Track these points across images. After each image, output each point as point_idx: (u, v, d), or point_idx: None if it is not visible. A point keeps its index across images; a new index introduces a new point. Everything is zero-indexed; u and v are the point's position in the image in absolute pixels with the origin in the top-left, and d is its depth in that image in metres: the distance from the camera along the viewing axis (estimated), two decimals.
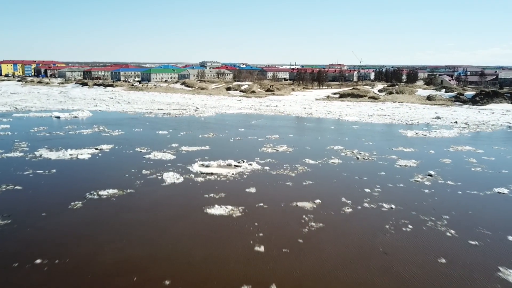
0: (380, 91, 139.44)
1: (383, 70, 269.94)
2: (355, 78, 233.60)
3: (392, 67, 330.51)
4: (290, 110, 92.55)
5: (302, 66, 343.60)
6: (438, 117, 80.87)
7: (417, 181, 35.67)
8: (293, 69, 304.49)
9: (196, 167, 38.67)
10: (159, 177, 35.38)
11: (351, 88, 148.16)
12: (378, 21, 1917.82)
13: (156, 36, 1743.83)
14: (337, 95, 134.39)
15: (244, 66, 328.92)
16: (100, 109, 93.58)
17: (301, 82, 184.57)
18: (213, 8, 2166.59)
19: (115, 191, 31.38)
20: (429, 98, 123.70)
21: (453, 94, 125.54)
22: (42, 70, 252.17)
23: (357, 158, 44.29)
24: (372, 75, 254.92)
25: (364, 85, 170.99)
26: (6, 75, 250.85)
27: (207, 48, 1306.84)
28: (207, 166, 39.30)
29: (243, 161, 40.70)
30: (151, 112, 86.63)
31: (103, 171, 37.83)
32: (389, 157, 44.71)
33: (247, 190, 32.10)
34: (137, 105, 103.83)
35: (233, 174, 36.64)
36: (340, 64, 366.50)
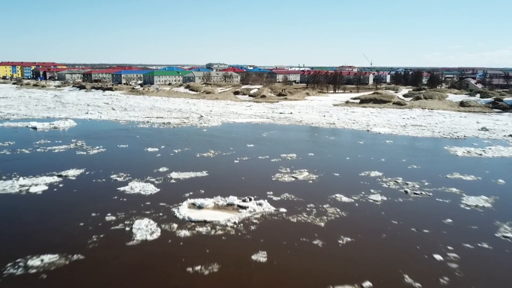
0: (405, 96, 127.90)
1: (401, 72, 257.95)
2: (370, 81, 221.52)
3: (406, 69, 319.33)
4: (308, 119, 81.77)
5: (312, 68, 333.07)
6: (484, 129, 69.42)
7: (506, 237, 24.75)
8: (303, 71, 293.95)
9: (183, 210, 28.24)
10: (127, 228, 25.02)
11: (372, 92, 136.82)
12: (384, 24, 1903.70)
13: (163, 38, 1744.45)
14: (358, 100, 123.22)
15: (251, 68, 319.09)
16: (90, 117, 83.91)
17: (315, 85, 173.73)
18: (220, 10, 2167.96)
19: (55, 257, 21.10)
20: (462, 104, 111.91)
21: (490, 99, 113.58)
22: (41, 73, 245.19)
23: (406, 192, 33.45)
24: (388, 78, 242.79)
25: (385, 88, 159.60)
26: (4, 78, 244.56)
27: (213, 50, 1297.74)
28: (199, 207, 28.88)
29: (250, 199, 30.24)
30: (147, 122, 76.59)
31: (52, 216, 27.58)
32: (448, 191, 33.75)
33: (253, 257, 21.52)
34: (134, 112, 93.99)
35: (234, 223, 26.11)
36: (350, 66, 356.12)
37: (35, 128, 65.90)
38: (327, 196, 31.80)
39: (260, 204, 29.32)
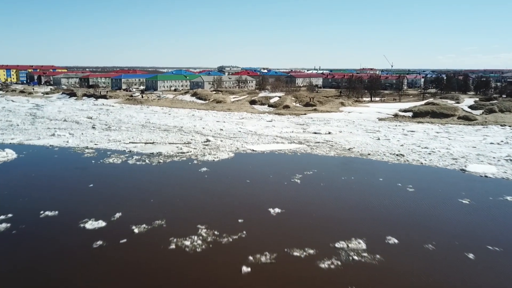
0: (471, 107, 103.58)
1: (442, 76, 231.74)
2: (404, 86, 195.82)
3: (433, 71, 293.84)
4: (357, 144, 58.99)
5: (331, 71, 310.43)
6: None
7: None
8: (322, 73, 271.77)
9: None
10: None
11: (425, 102, 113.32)
12: (398, 25, 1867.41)
13: (174, 40, 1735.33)
14: (409, 114, 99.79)
15: (265, 71, 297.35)
16: (52, 142, 62.93)
17: (349, 92, 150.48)
18: (232, 12, 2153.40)
19: None
20: None
21: None
22: (35, 77, 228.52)
23: None
24: (422, 82, 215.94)
25: (438, 97, 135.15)
26: None
27: (225, 52, 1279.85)
28: None
29: None
30: (128, 151, 55.42)
31: None
32: None
33: None
34: (119, 132, 72.81)
35: None
36: (372, 69, 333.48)
37: None
38: None
39: None
